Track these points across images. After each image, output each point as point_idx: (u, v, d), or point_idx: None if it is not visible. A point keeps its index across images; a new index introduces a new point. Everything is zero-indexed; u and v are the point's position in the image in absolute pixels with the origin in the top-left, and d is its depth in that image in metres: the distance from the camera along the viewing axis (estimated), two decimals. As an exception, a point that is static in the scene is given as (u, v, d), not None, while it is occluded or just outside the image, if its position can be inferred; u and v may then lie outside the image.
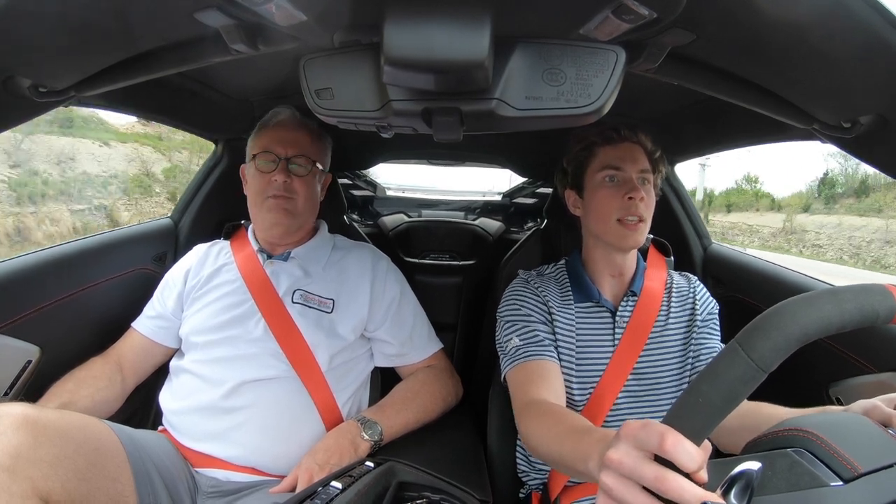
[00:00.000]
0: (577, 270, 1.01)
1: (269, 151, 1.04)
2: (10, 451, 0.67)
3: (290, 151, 1.04)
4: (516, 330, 0.95)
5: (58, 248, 1.11)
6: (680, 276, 1.05)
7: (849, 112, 0.57)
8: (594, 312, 0.98)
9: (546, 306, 0.97)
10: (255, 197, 1.06)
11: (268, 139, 1.05)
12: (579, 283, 1.00)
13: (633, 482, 0.41)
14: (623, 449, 0.42)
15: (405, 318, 1.10)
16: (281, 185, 1.02)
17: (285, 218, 1.04)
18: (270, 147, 1.04)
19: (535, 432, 0.76)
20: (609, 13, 0.47)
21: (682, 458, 0.38)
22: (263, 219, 1.06)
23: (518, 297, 0.99)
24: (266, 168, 1.04)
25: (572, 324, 0.96)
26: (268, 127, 1.08)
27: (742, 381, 0.38)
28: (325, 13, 0.51)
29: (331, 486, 0.74)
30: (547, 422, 0.74)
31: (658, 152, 0.99)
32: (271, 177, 1.02)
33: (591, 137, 0.98)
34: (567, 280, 1.01)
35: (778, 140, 1.00)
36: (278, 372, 0.97)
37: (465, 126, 0.56)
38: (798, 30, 0.47)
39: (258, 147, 1.06)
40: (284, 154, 1.04)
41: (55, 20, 0.51)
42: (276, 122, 1.08)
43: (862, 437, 0.45)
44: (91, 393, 0.95)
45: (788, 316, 0.39)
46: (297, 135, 1.06)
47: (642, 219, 0.93)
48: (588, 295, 0.98)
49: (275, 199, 1.03)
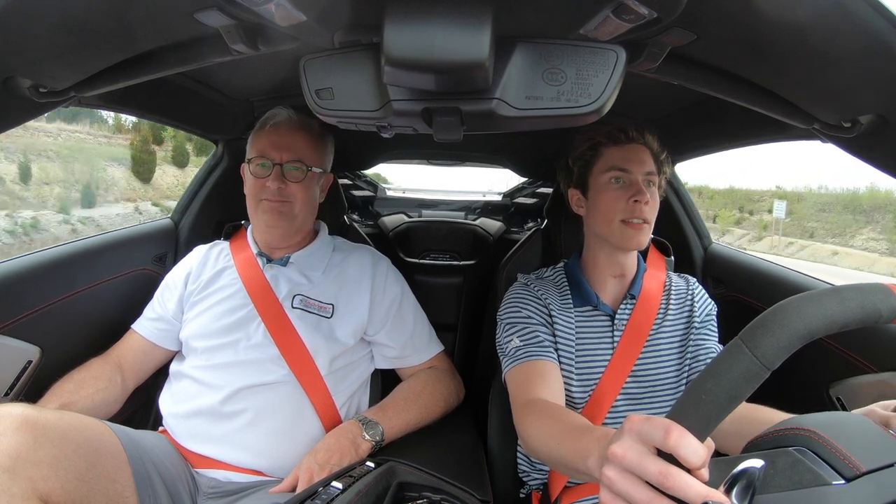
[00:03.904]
0: (576, 275, 1.01)
1: (263, 156, 1.03)
2: (9, 452, 0.68)
3: (285, 156, 1.03)
4: (517, 331, 0.95)
5: (58, 249, 1.11)
6: (679, 278, 1.05)
7: (849, 112, 0.57)
8: (593, 316, 0.98)
9: (547, 309, 0.97)
10: (251, 200, 1.05)
11: (263, 143, 1.04)
12: (578, 288, 1.00)
13: (635, 477, 0.40)
14: (627, 443, 0.42)
15: (405, 321, 1.10)
16: (275, 191, 1.01)
17: (281, 221, 1.04)
18: (265, 151, 1.03)
19: (533, 432, 0.75)
20: (609, 13, 0.47)
21: (686, 454, 0.38)
22: (260, 221, 1.06)
23: (519, 299, 0.99)
24: (261, 173, 1.03)
25: (572, 327, 0.96)
26: (263, 130, 1.06)
27: (745, 378, 0.38)
28: (326, 13, 0.51)
29: (331, 487, 0.74)
30: (546, 421, 0.74)
31: (664, 153, 0.98)
32: (265, 182, 1.02)
33: (598, 137, 0.98)
34: (566, 284, 1.01)
35: (778, 140, 1.00)
36: (278, 377, 0.97)
37: (466, 126, 0.56)
38: (798, 30, 0.47)
39: (254, 150, 1.05)
40: (279, 159, 1.02)
41: (55, 20, 0.51)
42: (271, 125, 1.06)
43: (864, 436, 0.45)
44: (91, 394, 0.95)
45: (793, 314, 0.39)
46: (292, 138, 1.05)
47: (647, 221, 0.93)
48: (587, 299, 0.98)
49: (269, 203, 1.02)
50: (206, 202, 1.40)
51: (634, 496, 0.40)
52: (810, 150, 13.48)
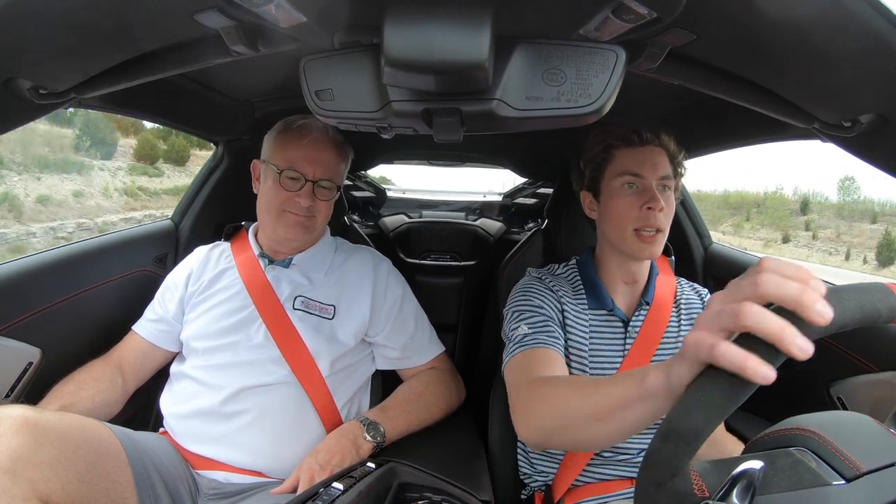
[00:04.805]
0: (591, 276, 0.98)
1: (296, 170, 1.00)
2: (10, 454, 0.68)
3: (319, 174, 1.01)
4: (525, 318, 0.90)
5: (59, 251, 1.11)
6: (690, 290, 1.03)
7: (849, 111, 0.57)
8: (607, 320, 0.96)
9: (559, 304, 0.94)
10: (273, 209, 1.02)
11: (297, 156, 1.01)
12: (593, 290, 0.96)
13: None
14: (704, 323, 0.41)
15: (406, 322, 1.10)
16: (305, 209, 1.01)
17: (303, 234, 1.04)
18: (299, 166, 1.00)
19: (551, 400, 0.69)
20: (609, 13, 0.47)
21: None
22: (276, 230, 1.04)
23: (530, 289, 0.95)
24: (292, 187, 1.01)
25: (586, 329, 0.93)
26: (299, 143, 1.02)
27: (744, 380, 0.38)
28: (326, 14, 0.51)
29: (332, 487, 0.74)
30: (566, 387, 0.68)
31: (681, 154, 0.94)
32: (295, 196, 1.00)
33: (611, 139, 0.94)
34: (581, 284, 0.98)
35: (778, 139, 1.00)
36: (279, 377, 0.97)
37: (466, 126, 0.56)
38: (798, 29, 0.47)
39: (285, 161, 1.01)
40: (312, 175, 1.01)
41: (56, 21, 0.51)
42: (308, 140, 1.02)
43: (864, 436, 0.44)
44: (91, 395, 0.95)
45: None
46: (326, 155, 1.03)
47: (661, 229, 0.89)
48: (602, 303, 0.95)
49: (296, 217, 1.01)
50: (206, 203, 1.40)
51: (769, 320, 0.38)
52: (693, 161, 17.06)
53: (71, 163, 14.50)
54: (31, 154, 13.16)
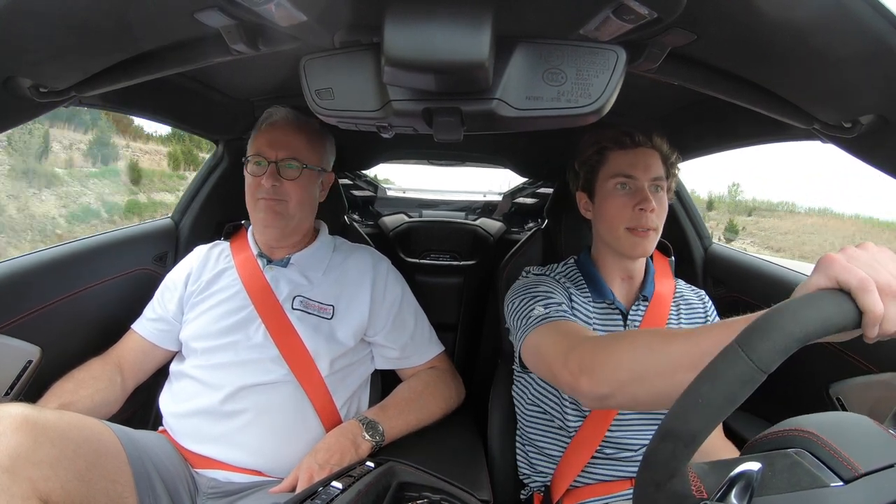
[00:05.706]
0: (590, 270, 1.00)
1: (259, 154, 1.03)
2: (9, 452, 0.68)
3: (280, 154, 1.03)
4: (539, 300, 0.89)
5: (59, 249, 1.11)
6: (690, 290, 1.05)
7: (849, 112, 0.57)
8: (608, 312, 0.98)
9: (567, 293, 0.95)
10: (250, 199, 1.05)
11: (259, 142, 1.04)
12: (593, 282, 0.99)
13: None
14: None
15: (406, 322, 1.10)
16: (269, 189, 1.01)
17: (277, 220, 1.03)
18: (260, 150, 1.03)
19: (630, 347, 0.65)
20: (609, 13, 0.47)
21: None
22: (257, 220, 1.06)
23: (537, 279, 0.97)
24: (256, 171, 1.03)
25: (591, 319, 0.95)
26: (260, 129, 1.07)
27: (742, 381, 0.38)
28: (326, 13, 0.51)
29: (331, 487, 0.74)
30: (647, 334, 0.65)
31: (674, 155, 0.96)
32: (261, 180, 1.02)
33: (604, 142, 0.96)
34: (581, 278, 1.01)
35: (778, 140, 1.00)
36: (278, 376, 0.97)
37: (466, 126, 0.56)
38: (799, 30, 0.47)
39: (251, 150, 1.05)
40: (274, 157, 1.02)
41: (56, 20, 0.51)
42: (268, 125, 1.06)
43: (862, 438, 0.44)
44: (91, 394, 0.95)
45: (789, 316, 0.39)
46: (288, 137, 1.04)
47: (653, 228, 0.92)
48: (602, 295, 0.97)
49: (265, 202, 1.02)
50: (206, 202, 1.40)
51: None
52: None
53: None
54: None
